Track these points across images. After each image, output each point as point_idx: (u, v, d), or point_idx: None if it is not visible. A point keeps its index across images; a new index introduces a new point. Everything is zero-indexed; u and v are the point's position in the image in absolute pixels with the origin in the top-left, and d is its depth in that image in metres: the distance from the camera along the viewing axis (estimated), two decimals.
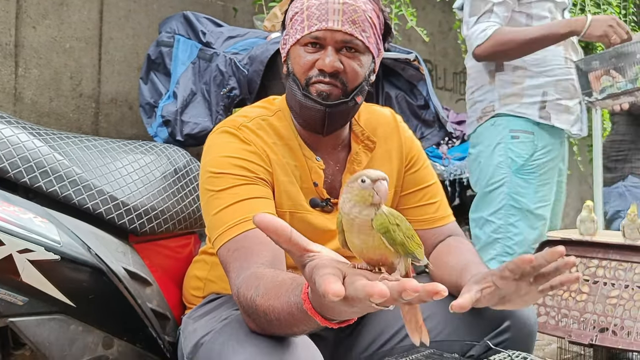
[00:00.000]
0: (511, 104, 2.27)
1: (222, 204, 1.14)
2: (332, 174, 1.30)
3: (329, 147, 1.30)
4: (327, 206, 1.29)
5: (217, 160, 1.19)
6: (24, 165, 1.23)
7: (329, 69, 1.18)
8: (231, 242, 1.10)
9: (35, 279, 1.16)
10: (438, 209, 1.37)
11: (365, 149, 1.32)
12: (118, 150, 1.45)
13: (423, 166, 1.39)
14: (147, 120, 2.05)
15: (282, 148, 1.25)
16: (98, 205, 1.31)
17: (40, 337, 1.17)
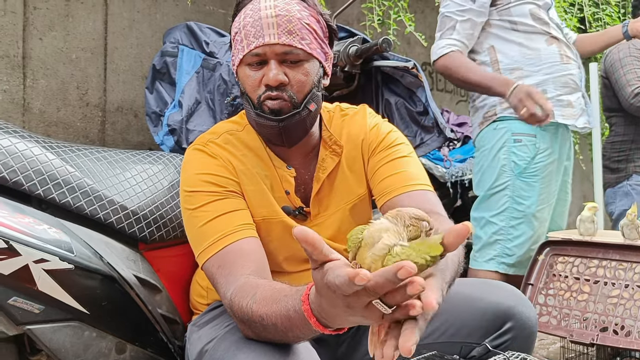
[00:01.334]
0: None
1: (199, 222, 1.19)
2: (304, 182, 1.33)
3: (299, 156, 1.33)
4: (300, 215, 1.32)
5: (190, 179, 1.24)
6: (37, 177, 1.27)
7: (273, 83, 1.20)
8: (214, 258, 1.14)
9: (50, 288, 1.20)
10: (404, 177, 1.28)
11: (332, 154, 1.33)
12: (127, 161, 1.50)
13: (390, 145, 1.34)
14: (154, 129, 2.09)
15: (252, 159, 1.28)
16: (109, 215, 1.36)
17: (56, 344, 1.21)
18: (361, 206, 1.38)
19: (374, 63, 1.77)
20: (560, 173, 2.41)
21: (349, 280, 0.68)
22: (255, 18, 1.21)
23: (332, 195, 1.34)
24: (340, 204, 1.34)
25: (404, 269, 0.65)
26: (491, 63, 2.35)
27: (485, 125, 2.37)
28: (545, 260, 2.22)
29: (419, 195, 1.27)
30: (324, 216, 1.34)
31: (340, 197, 1.34)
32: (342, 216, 1.35)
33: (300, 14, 1.22)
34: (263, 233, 1.26)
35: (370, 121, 1.38)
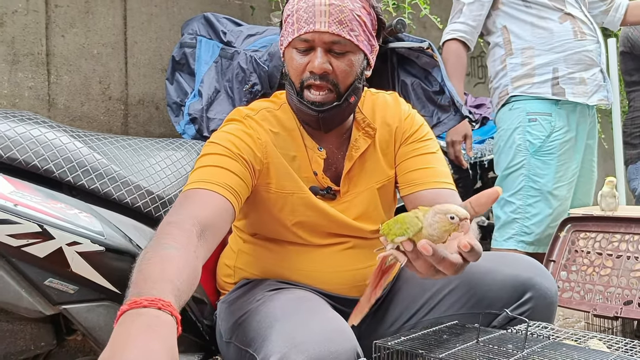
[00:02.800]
0: (523, 86, 2.31)
1: (200, 164, 1.21)
2: (336, 162, 1.36)
3: (333, 137, 1.36)
4: (328, 194, 1.35)
5: (217, 135, 1.28)
6: (67, 165, 1.32)
7: (317, 70, 1.23)
8: (186, 192, 1.16)
9: (83, 269, 1.26)
10: (433, 174, 1.36)
11: (365, 135, 1.37)
12: (151, 148, 1.54)
13: (421, 139, 1.40)
14: (175, 119, 2.14)
15: (284, 138, 1.32)
16: (136, 200, 1.41)
17: (90, 322, 1.27)
18: (388, 188, 1.42)
19: (389, 45, 1.79)
20: (581, 151, 2.41)
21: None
22: (309, 4, 1.23)
23: (362, 175, 1.38)
24: (369, 183, 1.38)
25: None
26: (504, 44, 2.36)
27: (500, 105, 2.39)
28: (567, 237, 2.23)
29: (445, 194, 1.33)
30: (352, 194, 1.37)
31: (370, 176, 1.38)
32: (370, 196, 1.38)
33: (352, 4, 1.24)
34: (288, 208, 1.29)
35: (404, 110, 1.43)
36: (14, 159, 1.26)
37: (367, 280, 1.38)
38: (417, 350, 0.99)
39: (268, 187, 1.30)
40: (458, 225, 0.94)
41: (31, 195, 1.24)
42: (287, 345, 1.04)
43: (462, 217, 0.94)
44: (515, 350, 1.00)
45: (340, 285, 1.37)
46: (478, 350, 1.00)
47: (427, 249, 0.92)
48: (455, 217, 0.93)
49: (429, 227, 0.95)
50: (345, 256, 1.38)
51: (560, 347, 1.02)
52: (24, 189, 1.24)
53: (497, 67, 2.40)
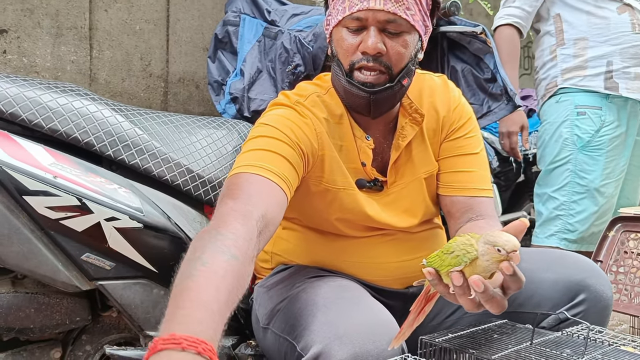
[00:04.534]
0: (573, 78, 2.22)
1: (250, 147, 1.12)
2: (382, 152, 1.30)
3: (380, 125, 1.29)
4: (375, 186, 1.29)
5: (269, 116, 1.19)
6: (108, 139, 1.30)
7: (371, 51, 1.14)
8: (232, 177, 1.06)
9: (121, 246, 1.23)
10: (473, 179, 1.30)
11: (412, 122, 1.29)
12: (192, 125, 1.51)
13: (466, 135, 1.33)
14: (216, 98, 2.10)
15: (334, 126, 1.24)
16: (176, 177, 1.37)
17: (126, 299, 1.25)
18: (434, 180, 1.35)
19: (440, 29, 1.72)
20: (630, 148, 2.32)
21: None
22: None
23: (409, 164, 1.31)
24: (417, 173, 1.31)
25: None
26: (556, 33, 2.26)
27: (547, 97, 2.31)
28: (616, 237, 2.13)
29: (483, 203, 1.29)
30: (399, 185, 1.31)
31: (417, 166, 1.31)
32: (418, 186, 1.32)
33: None
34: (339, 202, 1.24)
35: (454, 97, 1.35)
36: (55, 130, 1.24)
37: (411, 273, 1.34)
38: (467, 349, 0.93)
39: (318, 180, 1.23)
40: (507, 257, 0.87)
41: (71, 168, 1.21)
42: (329, 336, 0.99)
43: (509, 249, 0.87)
44: (575, 355, 0.93)
45: (383, 277, 1.31)
46: (533, 353, 0.94)
47: (478, 285, 0.86)
48: (502, 250, 0.87)
49: (481, 257, 0.89)
50: (389, 247, 1.32)
51: (623, 354, 0.95)
52: (64, 161, 1.22)
53: (546, 57, 2.31)
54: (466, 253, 0.89)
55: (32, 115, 1.22)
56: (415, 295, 1.41)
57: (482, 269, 0.88)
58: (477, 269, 0.88)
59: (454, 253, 0.90)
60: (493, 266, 0.88)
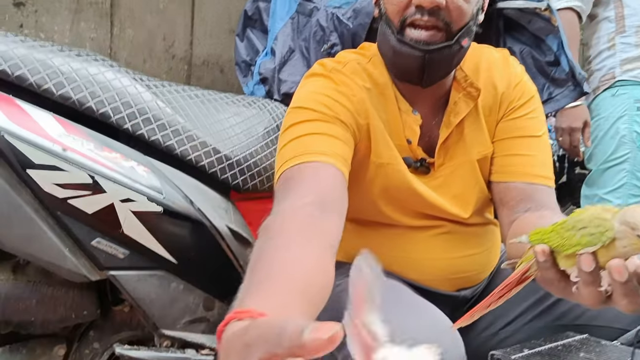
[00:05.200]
0: (634, 70, 2.04)
1: (292, 137, 1.00)
2: (430, 130, 1.13)
3: (429, 99, 1.12)
4: (422, 167, 1.13)
5: (302, 97, 1.06)
6: (126, 110, 1.15)
7: (427, 4, 0.98)
8: (285, 172, 0.95)
9: (136, 231, 1.08)
10: (532, 163, 1.12)
11: (466, 97, 1.12)
12: (220, 102, 1.36)
13: (528, 115, 1.16)
14: (243, 79, 1.94)
15: (376, 96, 1.09)
16: (201, 158, 1.22)
17: (140, 293, 1.10)
18: (487, 163, 1.18)
19: (497, 5, 1.54)
20: None
21: None
22: None
23: (460, 145, 1.14)
24: (469, 154, 1.14)
25: None
26: (615, 19, 2.08)
27: (601, 90, 2.12)
28: None
29: (544, 192, 1.10)
30: (449, 167, 1.14)
31: (470, 146, 1.14)
32: (470, 169, 1.15)
33: None
34: (382, 180, 1.08)
35: (516, 73, 1.18)
36: (66, 97, 1.09)
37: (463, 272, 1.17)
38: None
39: (363, 153, 1.08)
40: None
41: (83, 141, 1.06)
42: None
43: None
44: None
45: (432, 275, 1.15)
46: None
47: (621, 272, 0.65)
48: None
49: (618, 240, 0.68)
50: (440, 242, 1.15)
51: None
52: (75, 132, 1.07)
53: (603, 45, 2.12)
54: (604, 231, 0.68)
55: (41, 80, 1.07)
56: (467, 299, 1.24)
57: (618, 254, 0.67)
58: (613, 252, 0.68)
59: (585, 229, 0.69)
60: (632, 253, 0.67)
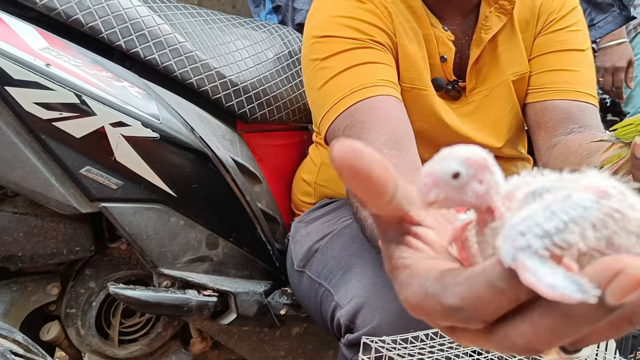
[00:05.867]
0: None
1: (329, 74, 0.89)
2: (460, 49, 1.01)
3: (458, 14, 1.00)
4: (453, 90, 1.01)
5: (323, 22, 0.93)
6: (119, 25, 1.02)
7: None
8: (341, 117, 0.85)
9: (130, 160, 0.98)
10: (576, 79, 0.99)
11: (498, 11, 0.99)
12: (226, 23, 1.23)
13: (570, 28, 1.03)
14: (255, 10, 1.80)
15: (404, 10, 0.97)
16: (203, 82, 1.10)
17: (136, 228, 1.00)
18: (525, 85, 1.04)
19: None
20: None
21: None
22: None
23: (494, 65, 1.01)
24: (504, 75, 1.01)
25: None
26: None
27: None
28: None
29: (589, 111, 0.96)
30: (482, 92, 1.01)
31: (504, 66, 1.01)
32: (505, 92, 1.01)
33: None
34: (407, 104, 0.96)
35: None
36: (51, 8, 0.97)
37: None
38: None
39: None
40: None
41: (69, 57, 0.95)
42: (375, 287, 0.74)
43: None
44: None
45: None
46: None
47: None
48: None
49: None
50: None
51: None
52: (60, 47, 0.95)
53: None
54: None
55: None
56: None
57: None
58: None
59: None
60: None
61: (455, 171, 0.27)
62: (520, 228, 0.24)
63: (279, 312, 1.17)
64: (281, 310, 1.17)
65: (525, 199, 0.27)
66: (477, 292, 0.25)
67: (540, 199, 0.26)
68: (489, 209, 0.28)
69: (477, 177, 0.27)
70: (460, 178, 0.27)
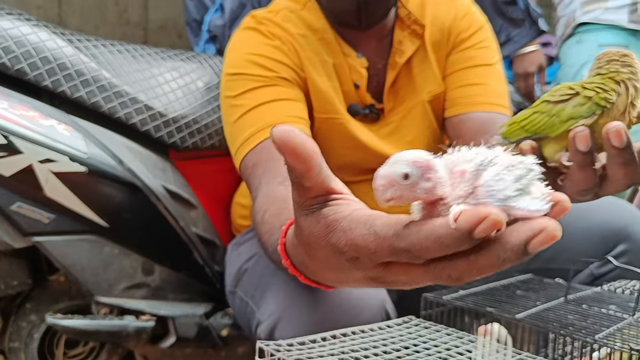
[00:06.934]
0: (594, 11, 1.97)
1: (240, 112, 0.94)
2: (377, 73, 1.07)
3: (372, 42, 1.06)
4: (371, 113, 1.06)
5: (234, 60, 1.00)
6: (45, 66, 1.07)
7: None
8: (250, 155, 0.90)
9: (61, 194, 1.02)
10: (487, 92, 1.05)
11: (411, 35, 1.06)
12: (154, 57, 1.28)
13: (478, 45, 1.10)
14: (194, 40, 1.87)
15: (315, 43, 1.02)
16: (132, 115, 1.15)
17: (70, 259, 1.04)
18: (440, 103, 1.11)
19: None
20: None
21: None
22: None
23: (410, 86, 1.08)
24: (420, 95, 1.07)
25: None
26: None
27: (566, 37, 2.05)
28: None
29: (501, 119, 1.01)
30: (399, 112, 1.08)
31: (420, 87, 1.07)
32: (422, 112, 1.08)
33: None
34: (323, 133, 1.02)
35: (461, 5, 1.11)
36: None
37: None
38: (484, 308, 0.72)
39: (309, 108, 1.02)
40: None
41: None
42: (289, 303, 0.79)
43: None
44: (623, 311, 0.71)
45: None
46: (569, 310, 0.72)
47: (621, 137, 0.56)
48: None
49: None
50: None
51: None
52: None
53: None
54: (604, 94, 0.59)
55: None
56: None
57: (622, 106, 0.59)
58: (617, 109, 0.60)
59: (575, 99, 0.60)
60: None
61: (405, 172, 0.34)
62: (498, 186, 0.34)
63: (220, 332, 1.21)
64: (223, 331, 1.21)
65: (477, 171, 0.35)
66: (426, 243, 0.34)
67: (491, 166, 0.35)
68: (439, 198, 0.35)
69: (424, 176, 0.35)
70: (410, 178, 0.34)
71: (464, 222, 0.32)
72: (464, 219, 0.32)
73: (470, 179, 0.35)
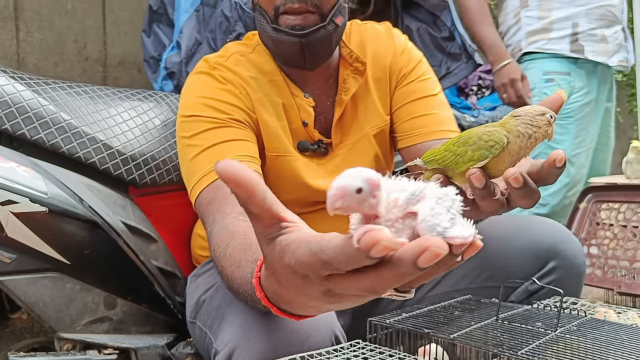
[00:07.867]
0: (538, 41, 2.11)
1: (194, 152, 1.01)
2: (325, 110, 1.15)
3: (318, 81, 1.14)
4: (319, 148, 1.14)
5: (188, 103, 1.06)
6: (4, 110, 1.11)
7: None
8: (204, 193, 0.96)
9: (21, 234, 1.05)
10: (435, 121, 1.14)
11: (354, 73, 1.14)
12: (112, 97, 1.33)
13: (419, 78, 1.18)
14: (152, 76, 1.92)
15: (265, 84, 1.10)
16: (90, 154, 1.19)
17: (32, 297, 1.07)
18: (386, 136, 1.19)
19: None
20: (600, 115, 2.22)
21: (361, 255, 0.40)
22: None
23: (356, 121, 1.16)
24: (364, 129, 1.15)
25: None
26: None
27: None
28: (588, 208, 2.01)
29: None
30: (346, 145, 1.15)
31: (364, 121, 1.16)
32: (367, 145, 1.16)
33: None
34: (274, 171, 1.09)
35: (400, 42, 1.20)
36: None
37: None
38: (422, 330, 0.78)
39: (261, 147, 1.08)
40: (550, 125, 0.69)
41: None
42: (244, 331, 0.84)
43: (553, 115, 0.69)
44: (547, 328, 0.78)
45: None
46: (498, 328, 0.79)
47: (518, 180, 0.65)
48: (547, 115, 0.68)
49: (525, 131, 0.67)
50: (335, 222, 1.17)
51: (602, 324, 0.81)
52: None
53: (510, 21, 2.19)
54: (493, 144, 0.67)
55: None
56: None
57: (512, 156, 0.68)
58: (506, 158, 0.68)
59: (475, 145, 0.68)
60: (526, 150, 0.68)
61: (359, 187, 0.39)
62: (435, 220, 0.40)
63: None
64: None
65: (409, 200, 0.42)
66: (338, 255, 0.40)
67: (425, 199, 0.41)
68: (375, 215, 0.41)
69: (373, 192, 0.40)
70: (362, 193, 0.40)
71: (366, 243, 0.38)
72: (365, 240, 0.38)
73: (402, 206, 0.41)
